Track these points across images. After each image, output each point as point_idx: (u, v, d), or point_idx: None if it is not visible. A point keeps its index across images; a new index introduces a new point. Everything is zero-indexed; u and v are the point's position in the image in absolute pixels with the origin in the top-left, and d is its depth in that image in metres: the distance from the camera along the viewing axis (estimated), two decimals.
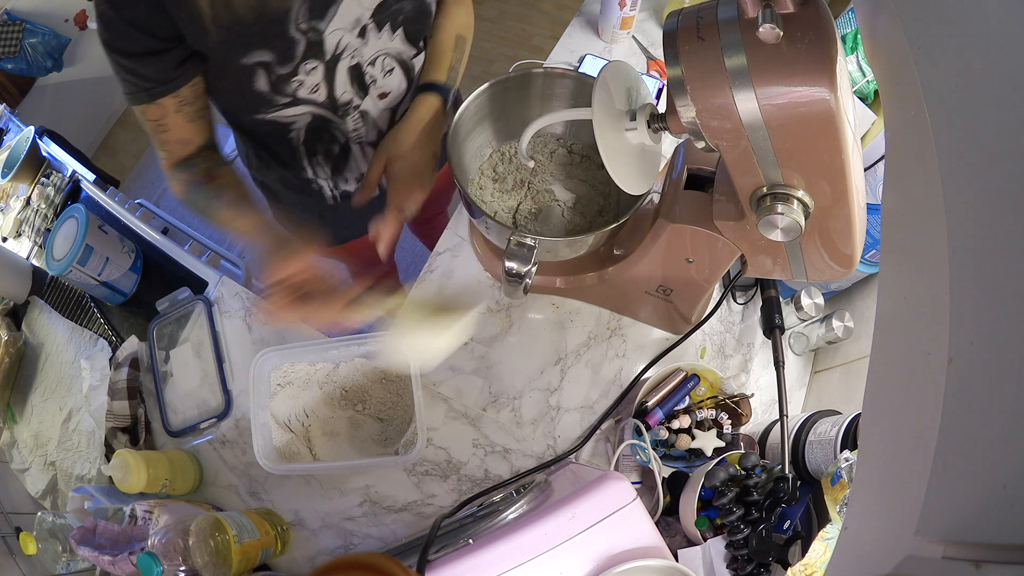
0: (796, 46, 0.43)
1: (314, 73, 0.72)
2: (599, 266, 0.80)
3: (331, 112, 0.78)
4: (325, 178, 0.90)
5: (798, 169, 0.50)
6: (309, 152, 0.85)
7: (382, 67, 0.78)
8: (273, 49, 0.67)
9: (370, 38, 0.73)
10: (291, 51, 0.68)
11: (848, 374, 0.82)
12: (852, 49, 0.93)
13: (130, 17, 0.60)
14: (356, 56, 0.74)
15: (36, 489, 0.94)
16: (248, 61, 0.66)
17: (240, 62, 0.66)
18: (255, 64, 0.67)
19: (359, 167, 0.89)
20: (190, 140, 0.73)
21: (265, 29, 0.64)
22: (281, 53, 0.67)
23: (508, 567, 0.54)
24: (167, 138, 0.72)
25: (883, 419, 0.33)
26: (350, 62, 0.74)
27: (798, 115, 0.45)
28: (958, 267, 0.27)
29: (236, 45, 0.65)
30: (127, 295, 1.00)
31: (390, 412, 0.83)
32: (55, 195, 1.11)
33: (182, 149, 0.74)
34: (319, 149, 0.85)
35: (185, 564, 0.64)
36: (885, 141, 0.39)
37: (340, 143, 0.84)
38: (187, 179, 0.74)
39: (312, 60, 0.70)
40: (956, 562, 0.23)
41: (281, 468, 0.75)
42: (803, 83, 0.43)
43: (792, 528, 0.65)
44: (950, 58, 0.32)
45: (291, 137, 0.81)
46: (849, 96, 0.48)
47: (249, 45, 0.65)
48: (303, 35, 0.67)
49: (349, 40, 0.71)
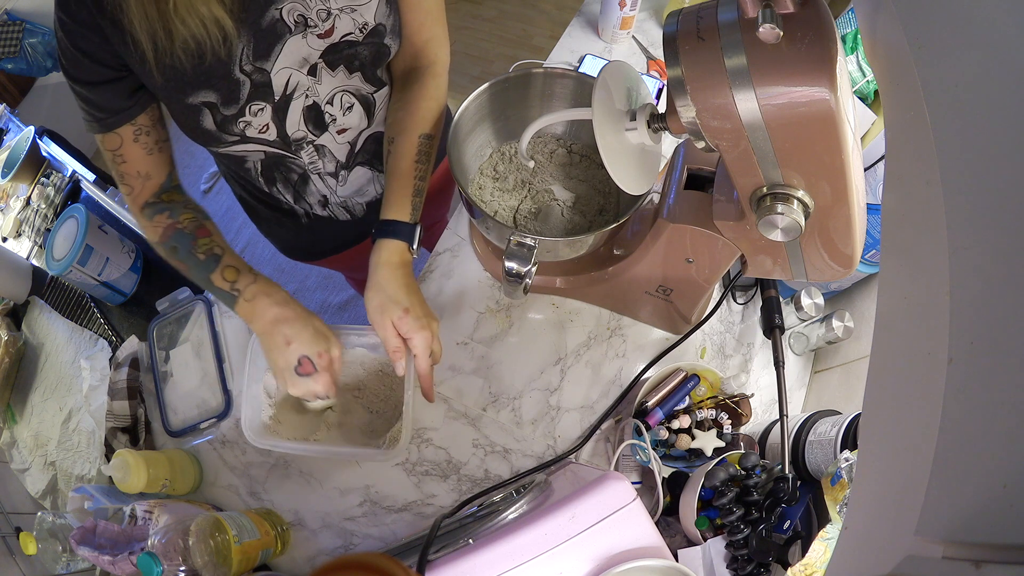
0: (796, 46, 0.43)
1: (261, 114, 0.71)
2: (599, 266, 0.80)
3: (283, 149, 0.78)
4: (289, 203, 0.90)
5: (798, 169, 0.50)
6: (268, 181, 0.85)
7: (340, 104, 0.76)
8: (218, 90, 0.66)
9: (322, 77, 0.72)
10: (236, 92, 0.67)
11: (848, 374, 0.82)
12: (852, 49, 0.93)
13: (83, 47, 0.61)
14: (311, 95, 0.73)
15: (36, 489, 0.94)
16: (194, 101, 0.67)
17: (186, 101, 0.66)
18: (200, 104, 0.67)
19: (320, 191, 0.88)
20: (149, 174, 0.73)
21: (208, 71, 0.64)
22: (226, 94, 0.67)
23: (508, 567, 0.54)
24: (126, 170, 0.71)
25: (883, 419, 0.33)
26: (305, 101, 0.73)
27: (798, 115, 0.45)
28: (958, 267, 0.27)
29: (181, 85, 0.65)
30: (127, 295, 1.00)
31: (381, 405, 0.83)
32: (55, 195, 1.11)
33: (144, 185, 0.73)
34: (277, 179, 0.84)
35: (185, 564, 0.64)
36: (885, 141, 0.39)
37: (298, 173, 0.84)
38: (168, 224, 0.72)
39: (259, 101, 0.69)
40: (956, 562, 0.23)
41: (264, 443, 0.75)
42: (803, 83, 0.43)
43: (792, 528, 0.65)
44: (950, 58, 0.32)
45: (248, 167, 0.81)
46: (849, 96, 0.48)
47: (194, 85, 0.65)
48: (247, 76, 0.67)
49: (299, 79, 0.70)
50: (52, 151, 1.20)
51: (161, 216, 0.73)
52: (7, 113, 1.33)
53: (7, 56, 2.04)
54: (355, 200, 0.92)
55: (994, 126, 0.28)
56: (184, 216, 0.73)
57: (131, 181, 0.72)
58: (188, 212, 0.74)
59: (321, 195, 0.89)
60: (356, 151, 0.84)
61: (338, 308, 2.03)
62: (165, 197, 0.74)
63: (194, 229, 0.73)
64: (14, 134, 1.25)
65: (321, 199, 0.89)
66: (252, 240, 2.19)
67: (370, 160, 0.87)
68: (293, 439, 0.80)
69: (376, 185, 0.92)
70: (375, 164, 0.88)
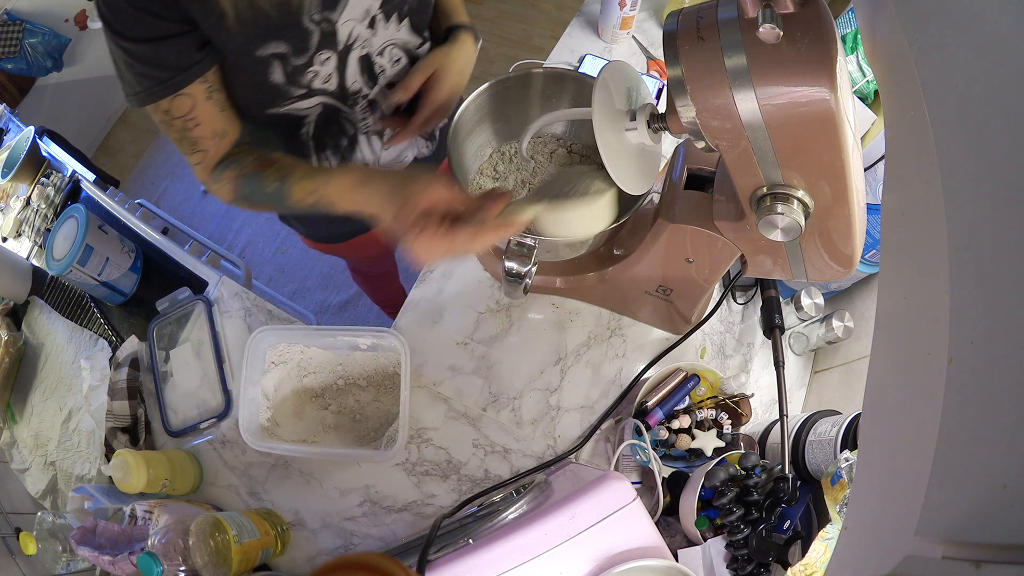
0: (796, 46, 0.43)
1: (327, 64, 0.72)
2: (599, 266, 0.80)
3: (340, 102, 0.79)
4: None
5: (798, 169, 0.50)
6: (318, 146, 0.84)
7: (390, 57, 0.79)
8: (288, 41, 0.66)
9: (379, 28, 0.74)
10: (306, 42, 0.68)
11: (848, 374, 0.82)
12: (852, 49, 0.93)
13: (141, 4, 0.57)
14: (366, 46, 0.74)
15: (36, 489, 0.94)
16: (263, 53, 0.66)
17: (256, 54, 0.66)
18: (270, 56, 0.67)
19: (365, 158, 0.89)
20: (226, 131, 0.69)
21: (280, 22, 0.64)
22: (296, 44, 0.67)
23: (508, 567, 0.54)
24: (200, 133, 0.67)
25: (883, 419, 0.33)
26: (360, 52, 0.74)
27: (798, 115, 0.45)
28: (958, 267, 0.27)
29: (253, 38, 0.64)
30: (127, 295, 1.00)
31: (377, 407, 0.83)
32: (55, 195, 1.11)
33: (219, 145, 0.69)
34: (328, 143, 0.85)
35: (185, 564, 0.64)
36: (885, 141, 0.39)
37: (348, 135, 0.85)
38: (236, 175, 0.69)
39: (326, 51, 0.70)
40: (956, 562, 0.23)
41: (262, 445, 0.75)
42: (803, 83, 0.43)
43: (792, 528, 0.65)
44: (950, 58, 0.32)
45: (301, 132, 0.81)
46: (849, 96, 0.48)
47: (265, 37, 0.65)
48: (316, 26, 0.67)
49: (360, 31, 0.72)
50: (52, 151, 1.20)
51: (228, 172, 0.69)
52: (7, 113, 1.33)
53: (7, 56, 2.05)
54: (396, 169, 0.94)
55: (994, 126, 0.28)
56: (248, 161, 0.70)
57: (206, 144, 0.68)
58: (251, 155, 0.70)
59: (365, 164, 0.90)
60: (402, 111, 0.86)
61: (338, 308, 2.03)
62: (232, 152, 0.71)
63: (257, 166, 0.69)
64: (14, 134, 1.25)
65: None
66: (252, 240, 2.19)
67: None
68: (291, 441, 0.80)
69: (413, 149, 0.94)
70: None
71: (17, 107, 2.07)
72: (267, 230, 2.19)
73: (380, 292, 1.64)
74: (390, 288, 1.58)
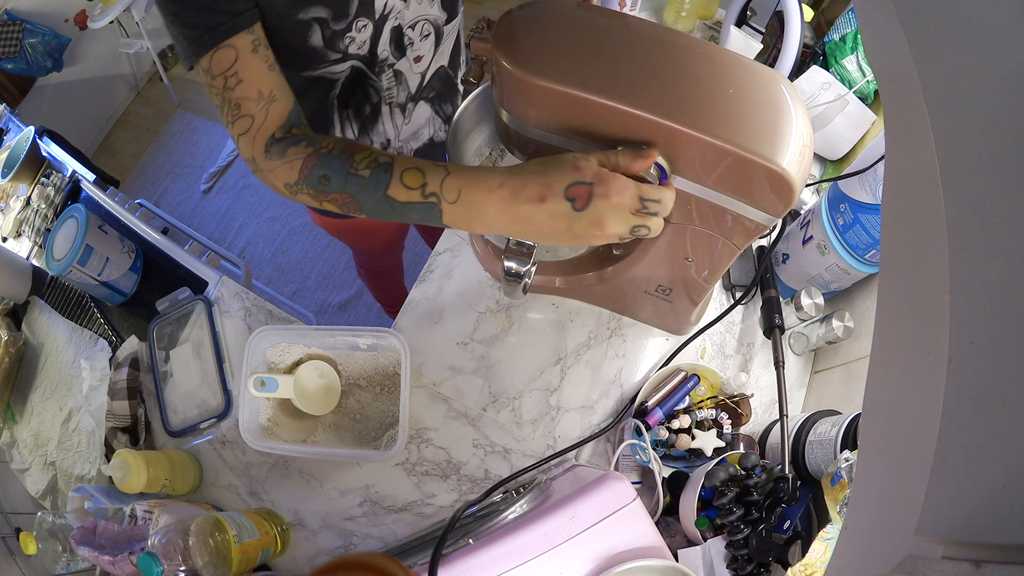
0: None
1: (364, 31, 0.73)
2: (599, 266, 0.80)
3: (368, 68, 0.80)
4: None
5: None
6: (341, 105, 0.84)
7: (421, 31, 0.80)
8: (329, 5, 0.68)
9: (411, 3, 0.76)
10: (346, 8, 0.69)
11: (848, 374, 0.82)
12: (852, 49, 0.93)
13: None
14: (399, 18, 0.76)
15: (36, 489, 0.94)
16: (305, 16, 0.67)
17: (298, 17, 0.67)
18: (312, 19, 0.68)
19: (385, 133, 0.90)
20: (274, 94, 0.61)
21: None
22: (337, 10, 0.69)
23: (508, 567, 0.54)
24: (244, 93, 0.59)
25: (883, 419, 0.33)
26: (393, 23, 0.76)
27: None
28: (958, 267, 0.27)
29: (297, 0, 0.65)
30: (127, 295, 1.00)
31: (377, 407, 0.83)
32: (55, 195, 1.11)
33: (267, 111, 0.61)
34: (351, 104, 0.85)
35: (185, 564, 0.64)
36: (885, 141, 0.39)
37: (372, 103, 0.86)
38: (311, 152, 0.58)
39: (363, 18, 0.72)
40: (956, 562, 0.23)
41: (262, 445, 0.75)
42: None
43: (792, 528, 0.65)
44: (950, 58, 0.32)
45: (331, 95, 0.82)
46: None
47: (309, 1, 0.66)
48: None
49: (394, 3, 0.74)
50: (52, 151, 1.21)
51: (297, 148, 0.59)
52: (7, 113, 1.33)
53: (7, 56, 2.05)
54: (410, 145, 0.95)
55: (994, 125, 0.28)
56: (327, 141, 0.59)
57: (251, 107, 0.60)
58: (330, 137, 0.61)
59: (385, 138, 0.91)
60: (424, 84, 0.87)
61: (338, 308, 2.03)
62: (296, 131, 0.62)
63: (344, 148, 0.58)
64: (14, 134, 1.26)
65: (384, 143, 0.92)
66: (252, 240, 2.19)
67: (434, 97, 0.91)
68: (291, 441, 0.80)
69: (430, 128, 0.95)
70: (437, 102, 0.92)
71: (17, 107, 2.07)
72: (267, 230, 2.20)
73: (384, 290, 1.64)
74: (395, 286, 1.58)
